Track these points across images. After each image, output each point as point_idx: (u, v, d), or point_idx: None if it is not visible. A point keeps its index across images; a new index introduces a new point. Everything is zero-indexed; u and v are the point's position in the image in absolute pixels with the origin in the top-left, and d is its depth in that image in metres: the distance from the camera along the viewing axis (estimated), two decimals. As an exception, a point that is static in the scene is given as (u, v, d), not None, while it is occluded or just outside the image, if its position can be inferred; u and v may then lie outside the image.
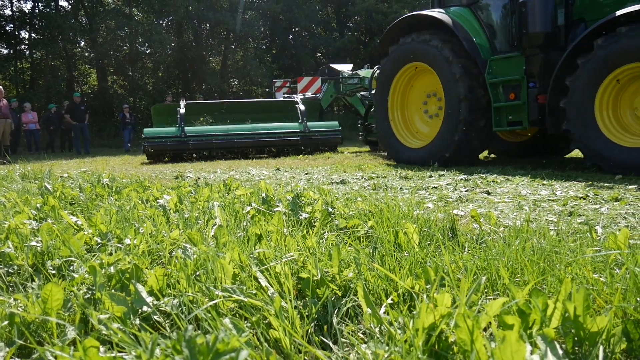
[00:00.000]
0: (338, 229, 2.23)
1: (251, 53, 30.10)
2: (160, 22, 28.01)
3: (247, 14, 29.13)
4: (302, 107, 11.06)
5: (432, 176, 4.99)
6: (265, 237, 1.91)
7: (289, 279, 1.34)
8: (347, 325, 1.32)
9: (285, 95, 13.56)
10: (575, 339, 1.06)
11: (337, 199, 2.87)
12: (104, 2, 27.93)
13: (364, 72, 11.97)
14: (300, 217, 2.37)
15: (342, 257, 1.62)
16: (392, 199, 2.63)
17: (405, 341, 1.07)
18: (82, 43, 28.53)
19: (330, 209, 2.44)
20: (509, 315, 1.03)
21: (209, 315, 1.22)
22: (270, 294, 1.35)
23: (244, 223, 2.32)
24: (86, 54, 29.27)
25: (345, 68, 13.66)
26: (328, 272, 1.50)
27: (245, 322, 1.31)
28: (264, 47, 31.98)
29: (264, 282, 1.40)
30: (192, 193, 3.53)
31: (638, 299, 1.15)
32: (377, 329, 1.22)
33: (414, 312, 1.13)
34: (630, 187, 3.88)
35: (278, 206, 2.56)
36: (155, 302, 1.38)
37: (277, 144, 10.49)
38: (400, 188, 4.08)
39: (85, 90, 28.91)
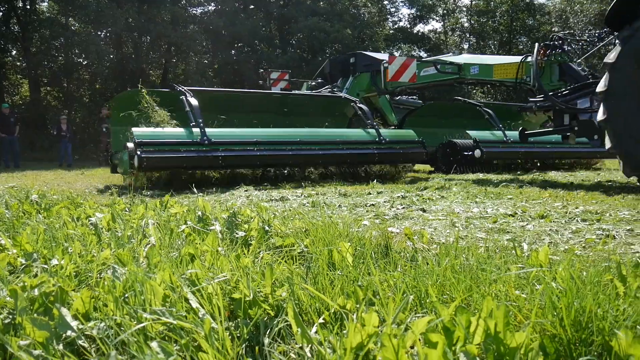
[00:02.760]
0: (274, 248, 2.23)
1: (193, 67, 29.79)
2: (99, 33, 27.30)
3: (189, 27, 28.87)
4: (364, 108, 8.39)
5: (370, 193, 5.07)
6: (199, 257, 1.89)
7: (220, 300, 1.33)
8: (279, 345, 1.32)
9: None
10: (496, 354, 1.11)
11: (275, 216, 2.87)
12: (39, 11, 26.97)
13: (461, 58, 9.69)
14: (236, 236, 2.35)
15: (276, 277, 1.62)
16: (329, 217, 2.66)
17: (335, 361, 1.08)
18: (14, 52, 27.39)
19: (267, 227, 2.43)
20: (434, 333, 1.06)
21: (136, 339, 1.19)
22: (201, 316, 1.34)
23: (179, 242, 2.28)
24: (18, 64, 28.10)
25: (383, 57, 10.96)
26: (261, 292, 1.50)
27: (175, 345, 1.28)
28: (206, 61, 31.73)
29: (194, 304, 1.38)
30: (126, 210, 3.44)
31: (554, 314, 1.21)
32: (307, 349, 1.22)
33: (345, 332, 1.14)
34: (556, 204, 4.08)
35: (214, 225, 2.53)
36: (81, 326, 1.33)
37: (350, 159, 7.34)
38: (339, 205, 4.12)
39: (16, 101, 27.69)
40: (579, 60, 8.06)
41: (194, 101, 6.88)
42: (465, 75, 9.29)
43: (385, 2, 40.43)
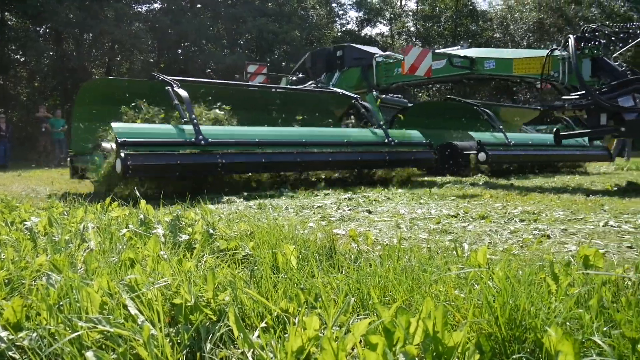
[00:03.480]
0: (219, 251, 2.20)
1: (138, 66, 29.08)
2: (37, 29, 26.24)
3: (134, 25, 28.17)
4: (368, 106, 7.66)
5: (317, 195, 5.09)
6: (140, 262, 1.84)
7: (160, 306, 1.30)
8: (221, 350, 1.31)
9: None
10: (434, 354, 1.13)
11: (220, 219, 2.83)
12: (-29, 4, 25.69)
13: (474, 52, 8.80)
14: (180, 240, 2.31)
15: (219, 281, 1.60)
16: (275, 219, 2.65)
17: (276, 365, 1.08)
18: (-56, 47, 25.96)
19: (211, 231, 2.40)
20: (374, 335, 1.07)
21: (69, 349, 1.15)
22: (140, 323, 1.30)
23: (120, 247, 2.22)
24: (-52, 59, 26.66)
25: (374, 50, 10.13)
26: (203, 296, 1.48)
27: (112, 353, 1.24)
28: (151, 60, 31.04)
29: (133, 310, 1.35)
30: (65, 214, 3.32)
31: (490, 313, 1.25)
32: (249, 354, 1.21)
33: (287, 335, 1.14)
34: (496, 205, 4.21)
35: (157, 228, 2.47)
36: (11, 337, 1.27)
37: (360, 162, 6.61)
38: (286, 207, 4.11)
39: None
40: (615, 55, 7.36)
41: (183, 93, 5.73)
42: (479, 70, 8.58)
43: (334, 5, 40.73)
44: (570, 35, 6.85)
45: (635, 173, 9.50)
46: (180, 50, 31.00)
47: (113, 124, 5.08)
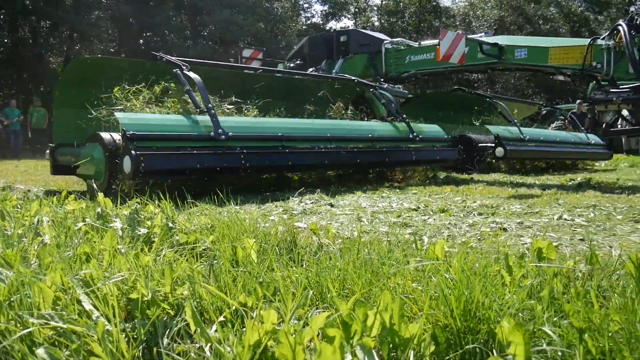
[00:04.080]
0: (178, 245, 2.17)
1: (97, 55, 28.36)
2: (-9, 15, 25.30)
3: (94, 13, 27.44)
4: (389, 96, 6.95)
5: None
6: (96, 256, 1.80)
7: (115, 301, 1.28)
8: (178, 345, 1.29)
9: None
10: (391, 346, 1.15)
11: (180, 212, 2.80)
12: None
13: (503, 39, 7.96)
14: (138, 233, 2.27)
15: (177, 275, 1.58)
16: (236, 213, 2.63)
17: (234, 359, 1.07)
18: None
19: (170, 224, 2.37)
20: (331, 328, 1.08)
21: (19, 346, 1.12)
22: (94, 318, 1.28)
23: (75, 241, 2.17)
24: None
25: (382, 36, 9.21)
26: (160, 291, 1.46)
27: (65, 350, 1.21)
28: (112, 50, 30.32)
29: (88, 306, 1.32)
30: (18, 207, 3.22)
31: (446, 305, 1.27)
32: (207, 348, 1.20)
33: (245, 329, 1.14)
34: (457, 199, 4.29)
35: (115, 222, 2.43)
36: (-42, 334, 1.23)
37: (388, 159, 5.90)
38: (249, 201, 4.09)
39: None
40: None
41: (195, 76, 4.85)
42: (509, 59, 7.89)
43: (299, -2, 40.62)
44: (621, 22, 6.31)
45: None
46: (142, 41, 30.37)
47: (117, 114, 4.26)
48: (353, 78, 7.32)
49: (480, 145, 8.30)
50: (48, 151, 5.55)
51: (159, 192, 3.22)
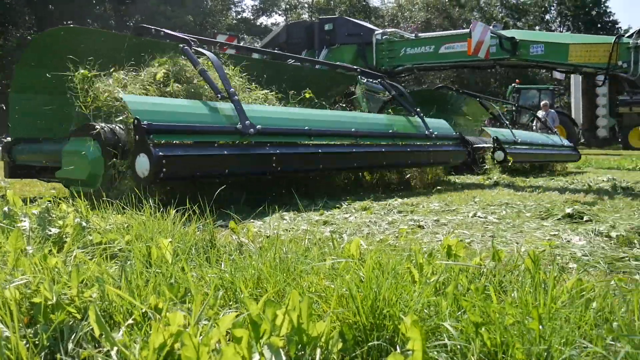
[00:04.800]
0: (92, 245, 2.10)
1: (13, 43, 26.79)
2: None
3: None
4: (401, 88, 6.43)
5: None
6: (0, 258, 1.72)
7: (14, 305, 1.23)
8: (84, 350, 1.26)
9: None
10: (299, 345, 1.17)
11: (95, 212, 2.70)
12: None
13: (518, 34, 7.15)
14: (49, 233, 2.18)
15: (86, 277, 1.53)
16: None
17: (140, 363, 1.06)
18: None
19: (84, 223, 2.29)
20: (238, 329, 1.09)
21: None
22: (-8, 325, 1.22)
23: (-22, 241, 2.05)
24: None
25: (370, 26, 8.37)
26: (67, 294, 1.41)
27: (-42, 359, 1.15)
28: (29, 37, 28.72)
29: (-16, 312, 1.26)
30: None
31: (354, 303, 1.31)
32: (113, 352, 1.18)
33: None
34: (380, 196, 4.40)
35: (23, 221, 2.31)
36: None
37: (411, 159, 5.33)
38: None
39: None
40: None
41: (211, 55, 4.12)
42: (523, 55, 7.46)
43: (229, -9, 40.09)
44: None
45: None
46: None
47: (126, 97, 3.44)
48: (355, 67, 6.69)
49: (475, 146, 8.05)
50: (0, 148, 4.60)
51: (170, 199, 2.73)
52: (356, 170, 5.03)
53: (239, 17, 41.21)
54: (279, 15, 43.57)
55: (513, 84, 22.12)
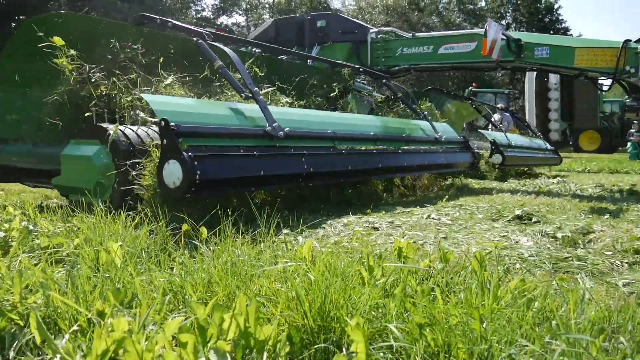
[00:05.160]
0: (40, 249, 2.05)
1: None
2: None
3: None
4: (407, 90, 6.28)
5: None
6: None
7: (-48, 314, 1.19)
8: (27, 358, 1.23)
9: None
10: (246, 349, 1.17)
11: (43, 215, 2.64)
12: None
13: (522, 36, 6.96)
14: (-7, 237, 2.11)
15: (30, 283, 1.50)
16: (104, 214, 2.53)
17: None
18: None
19: (31, 227, 2.23)
20: (185, 333, 1.08)
21: None
22: None
23: None
24: None
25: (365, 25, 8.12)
26: (9, 300, 1.38)
27: None
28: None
29: None
30: None
31: (302, 306, 1.32)
32: (57, 359, 1.16)
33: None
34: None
35: (-34, 225, 2.24)
36: None
37: (429, 166, 5.18)
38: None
39: None
40: None
41: (229, 51, 3.83)
42: (527, 58, 7.10)
43: (189, -10, 39.60)
44: None
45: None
46: (13, 24, 27.99)
47: (147, 97, 3.01)
48: (358, 67, 6.39)
49: (476, 151, 7.81)
50: None
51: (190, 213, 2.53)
52: (381, 178, 4.78)
53: (199, 15, 40.73)
54: (239, 15, 43.33)
55: (470, 87, 22.64)
